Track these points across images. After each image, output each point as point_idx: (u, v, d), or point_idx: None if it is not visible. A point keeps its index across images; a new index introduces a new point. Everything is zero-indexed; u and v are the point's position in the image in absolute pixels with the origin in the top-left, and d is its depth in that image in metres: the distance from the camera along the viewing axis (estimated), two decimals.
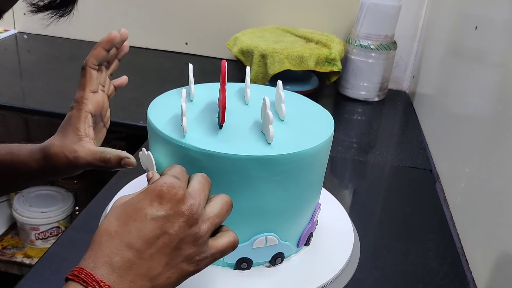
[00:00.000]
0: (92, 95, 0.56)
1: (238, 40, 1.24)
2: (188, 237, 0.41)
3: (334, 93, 1.30)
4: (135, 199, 0.41)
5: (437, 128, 1.01)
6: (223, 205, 0.45)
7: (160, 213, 0.40)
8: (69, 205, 1.35)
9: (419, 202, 0.83)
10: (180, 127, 0.53)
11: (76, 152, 0.53)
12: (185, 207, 0.41)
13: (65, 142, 0.54)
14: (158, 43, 1.50)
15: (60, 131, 0.55)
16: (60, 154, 0.53)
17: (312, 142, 0.53)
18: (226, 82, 0.53)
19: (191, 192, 0.43)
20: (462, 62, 0.90)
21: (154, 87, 1.21)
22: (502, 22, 0.71)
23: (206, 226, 0.43)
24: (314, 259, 0.62)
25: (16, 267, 1.28)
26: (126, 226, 0.39)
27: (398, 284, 0.63)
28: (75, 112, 0.55)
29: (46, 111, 1.06)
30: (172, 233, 0.40)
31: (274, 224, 0.56)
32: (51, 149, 0.54)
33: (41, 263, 0.61)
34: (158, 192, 0.40)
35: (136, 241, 0.39)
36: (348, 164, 0.95)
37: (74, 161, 0.53)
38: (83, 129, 0.54)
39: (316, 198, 0.61)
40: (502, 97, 0.66)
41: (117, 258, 0.38)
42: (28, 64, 1.39)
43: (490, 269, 0.60)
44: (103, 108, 0.59)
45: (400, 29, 1.27)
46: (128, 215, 0.40)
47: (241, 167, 0.49)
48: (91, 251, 0.39)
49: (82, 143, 0.54)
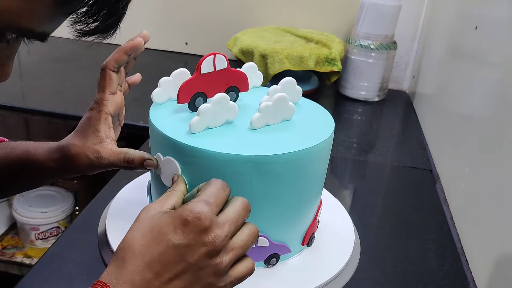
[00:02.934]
0: (112, 96, 0.56)
1: (238, 40, 1.24)
2: (208, 268, 0.41)
3: (334, 93, 1.30)
4: (162, 221, 0.41)
5: (437, 128, 1.01)
6: (250, 236, 0.45)
7: (182, 241, 0.40)
8: (69, 205, 1.35)
9: (419, 202, 0.83)
10: (181, 127, 0.53)
11: (98, 153, 0.53)
12: (209, 238, 0.41)
13: (86, 143, 0.54)
14: (158, 43, 1.50)
15: (79, 132, 0.55)
16: (81, 155, 0.53)
17: (311, 142, 0.53)
18: None
19: (221, 221, 0.42)
20: (462, 62, 0.90)
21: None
22: (502, 22, 0.71)
23: (229, 257, 0.43)
24: (314, 259, 0.62)
25: (16, 267, 1.28)
26: (149, 248, 0.40)
27: (398, 284, 0.63)
28: (95, 114, 0.55)
29: (46, 111, 1.06)
30: (192, 262, 0.41)
31: (268, 225, 0.55)
32: (72, 149, 0.54)
33: (41, 263, 0.61)
34: (183, 220, 0.41)
35: (157, 264, 0.40)
36: (348, 164, 0.95)
37: (96, 161, 0.53)
38: (103, 130, 0.55)
39: (317, 198, 0.61)
40: (502, 97, 0.66)
41: (139, 277, 0.39)
42: (28, 64, 1.39)
43: (490, 269, 0.60)
44: (121, 108, 0.59)
45: (400, 29, 1.26)
46: (153, 236, 0.40)
47: (238, 167, 0.49)
48: (114, 267, 0.40)
49: (103, 144, 0.54)
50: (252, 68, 0.64)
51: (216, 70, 0.55)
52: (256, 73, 0.64)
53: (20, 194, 1.33)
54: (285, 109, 0.56)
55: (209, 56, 0.54)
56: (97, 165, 0.53)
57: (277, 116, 0.56)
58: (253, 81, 0.64)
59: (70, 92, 1.16)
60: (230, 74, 0.55)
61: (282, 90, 0.60)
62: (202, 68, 0.55)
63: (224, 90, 0.56)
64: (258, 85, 0.65)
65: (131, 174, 0.78)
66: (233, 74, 0.56)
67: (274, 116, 0.56)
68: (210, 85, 0.56)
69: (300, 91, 0.63)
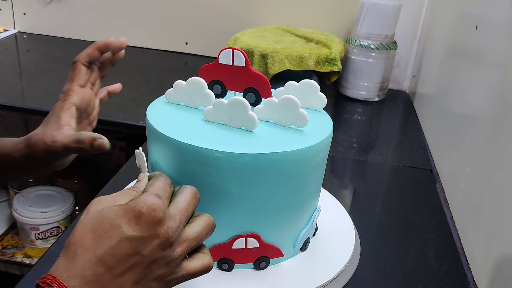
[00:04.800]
0: (79, 89, 0.58)
1: (238, 40, 1.24)
2: (161, 259, 0.41)
3: (334, 93, 1.30)
4: (112, 213, 0.41)
5: (437, 128, 1.01)
6: (204, 228, 0.45)
7: (135, 233, 0.40)
8: (69, 205, 1.34)
9: (419, 202, 0.83)
10: (177, 124, 0.53)
11: (54, 137, 0.54)
12: (162, 230, 0.41)
13: (46, 129, 0.55)
14: (158, 43, 1.50)
15: (44, 121, 0.57)
16: (39, 141, 0.54)
17: (306, 142, 0.53)
18: None
19: (173, 212, 0.43)
20: (462, 62, 0.90)
21: (154, 87, 1.21)
22: (502, 22, 0.71)
23: (181, 249, 0.43)
24: (314, 258, 0.62)
25: (16, 267, 1.28)
26: (100, 241, 0.39)
27: (398, 284, 0.63)
28: (60, 103, 0.57)
29: (46, 111, 1.04)
30: (145, 254, 0.40)
31: (259, 226, 0.55)
32: (33, 137, 0.55)
33: (41, 263, 0.61)
34: (137, 212, 0.40)
35: (109, 258, 0.39)
36: (348, 164, 0.95)
37: (51, 145, 0.54)
38: (64, 118, 0.56)
39: (313, 201, 0.60)
40: (502, 97, 0.66)
41: (90, 272, 0.38)
42: (28, 64, 1.39)
43: (490, 269, 0.60)
44: (89, 105, 0.60)
45: (400, 29, 1.27)
46: (104, 229, 0.40)
47: (237, 165, 0.49)
48: (64, 261, 0.39)
49: (62, 130, 0.55)
50: (311, 87, 0.61)
51: (234, 65, 0.55)
52: (316, 93, 0.61)
53: (20, 194, 1.33)
54: (293, 114, 0.54)
55: (227, 49, 0.55)
56: (52, 149, 0.54)
57: (282, 118, 0.55)
58: (311, 102, 0.61)
59: None
60: (250, 74, 0.55)
61: (299, 91, 0.60)
62: (220, 58, 0.56)
63: (242, 89, 0.56)
64: (318, 108, 0.62)
65: (131, 174, 0.78)
66: (253, 75, 0.55)
67: (279, 117, 0.55)
68: (229, 78, 0.56)
69: (324, 99, 0.61)
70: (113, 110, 1.05)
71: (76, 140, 0.53)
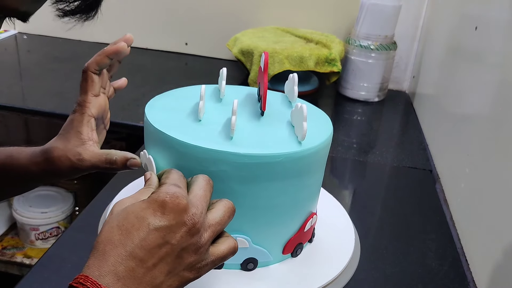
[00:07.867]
0: (95, 98, 0.56)
1: (238, 40, 1.24)
2: (190, 247, 0.41)
3: (334, 93, 1.30)
4: (137, 207, 0.41)
5: (437, 128, 1.01)
6: (225, 212, 0.45)
7: (162, 223, 0.40)
8: (69, 206, 1.35)
9: (419, 202, 0.83)
10: (177, 125, 0.53)
11: (80, 155, 0.53)
12: (188, 216, 0.41)
13: (68, 145, 0.54)
14: (158, 43, 1.50)
15: (62, 135, 0.55)
16: (63, 157, 0.53)
17: (305, 144, 0.53)
18: (267, 72, 0.57)
19: (193, 200, 0.43)
20: (462, 62, 0.90)
21: (154, 87, 1.21)
22: (502, 22, 0.71)
23: (208, 234, 0.43)
24: (313, 259, 0.62)
25: (16, 267, 1.28)
26: (129, 235, 0.39)
27: (398, 284, 0.63)
28: (77, 116, 0.55)
29: (46, 111, 1.06)
30: (174, 243, 0.40)
31: (248, 227, 0.54)
32: (54, 152, 0.53)
33: (41, 263, 0.61)
34: (161, 202, 0.41)
35: (139, 251, 0.39)
36: (348, 164, 0.95)
37: (78, 163, 0.53)
38: (86, 132, 0.54)
39: (308, 206, 0.60)
40: (502, 97, 0.66)
41: (122, 267, 0.38)
42: (28, 64, 1.39)
43: (490, 270, 0.60)
44: (105, 110, 0.59)
45: (400, 29, 1.27)
46: (131, 223, 0.40)
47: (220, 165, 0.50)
48: (94, 260, 0.39)
49: (85, 146, 0.54)
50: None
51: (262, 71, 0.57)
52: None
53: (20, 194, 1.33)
54: (299, 123, 0.54)
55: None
56: (78, 167, 0.53)
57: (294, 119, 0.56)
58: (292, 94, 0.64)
59: (70, 92, 1.16)
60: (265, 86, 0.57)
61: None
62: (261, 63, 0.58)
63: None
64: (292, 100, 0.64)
65: (131, 174, 0.78)
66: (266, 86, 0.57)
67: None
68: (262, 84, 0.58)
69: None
70: (113, 110, 1.05)
71: (108, 161, 0.53)
